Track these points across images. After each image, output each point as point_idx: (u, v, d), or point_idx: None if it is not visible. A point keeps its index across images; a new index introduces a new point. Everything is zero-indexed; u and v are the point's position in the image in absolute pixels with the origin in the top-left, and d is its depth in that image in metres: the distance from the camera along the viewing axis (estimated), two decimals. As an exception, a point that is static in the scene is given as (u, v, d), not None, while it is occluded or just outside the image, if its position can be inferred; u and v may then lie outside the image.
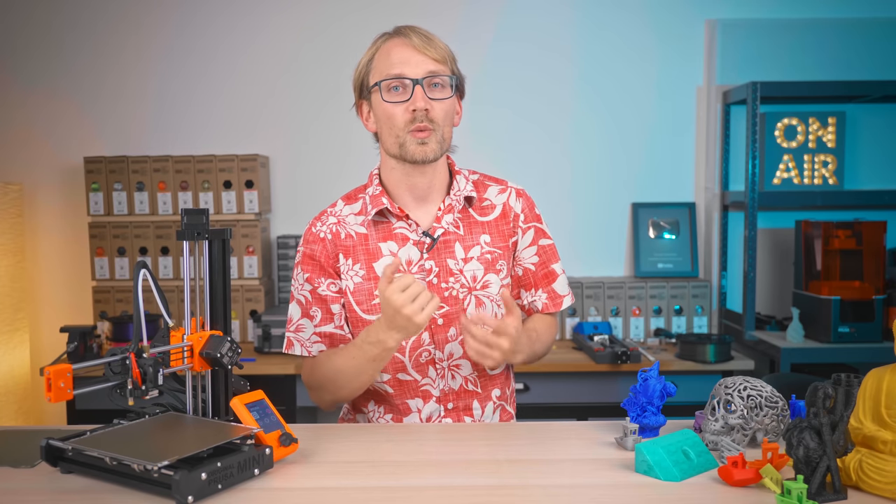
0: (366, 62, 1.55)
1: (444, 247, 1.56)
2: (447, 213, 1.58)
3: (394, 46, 1.50)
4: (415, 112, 1.48)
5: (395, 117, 1.50)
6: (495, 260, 1.59)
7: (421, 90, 1.48)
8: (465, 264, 1.56)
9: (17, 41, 3.17)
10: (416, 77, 1.48)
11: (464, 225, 1.59)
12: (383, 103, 1.50)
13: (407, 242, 1.56)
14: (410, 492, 1.15)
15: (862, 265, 2.75)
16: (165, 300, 1.29)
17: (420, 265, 1.55)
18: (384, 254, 1.56)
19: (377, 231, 1.57)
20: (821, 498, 1.06)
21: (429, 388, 1.57)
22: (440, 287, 1.54)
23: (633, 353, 2.60)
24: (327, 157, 3.19)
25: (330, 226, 1.59)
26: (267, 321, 2.77)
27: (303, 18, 3.16)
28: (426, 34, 1.52)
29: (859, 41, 3.10)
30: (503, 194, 1.64)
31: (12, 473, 1.23)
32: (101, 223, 3.00)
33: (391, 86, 1.49)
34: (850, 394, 1.11)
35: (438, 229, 1.56)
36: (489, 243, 1.59)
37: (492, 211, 1.62)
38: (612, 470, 1.23)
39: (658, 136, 3.19)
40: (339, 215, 1.61)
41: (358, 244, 1.57)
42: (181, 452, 1.11)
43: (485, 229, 1.60)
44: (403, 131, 1.50)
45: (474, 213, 1.61)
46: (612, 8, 3.16)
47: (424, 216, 1.58)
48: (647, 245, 3.18)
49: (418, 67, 1.48)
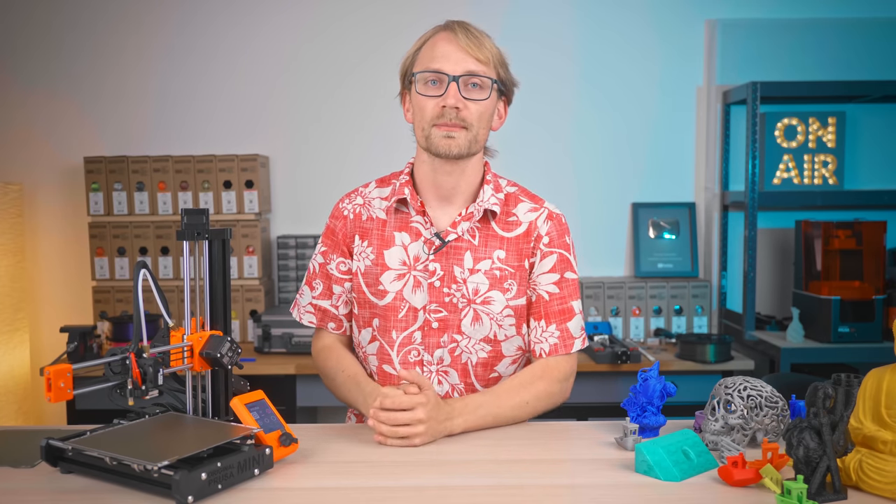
0: (412, 52, 1.53)
1: (453, 252, 1.54)
2: (466, 219, 1.54)
3: (439, 41, 1.49)
4: (444, 108, 1.46)
5: (426, 110, 1.48)
6: (504, 278, 1.54)
7: (455, 87, 1.45)
8: (470, 275, 1.53)
9: (17, 41, 3.17)
10: (454, 74, 1.46)
11: (480, 235, 1.55)
12: (417, 95, 1.49)
13: (419, 238, 1.55)
14: (410, 492, 1.15)
15: (862, 265, 2.75)
16: (165, 300, 1.29)
17: (425, 265, 1.54)
18: (396, 243, 1.56)
19: (395, 219, 1.57)
20: (821, 498, 1.06)
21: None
22: (441, 291, 1.53)
23: (633, 353, 2.60)
24: (327, 157, 3.19)
25: (355, 205, 1.61)
26: (267, 321, 2.77)
27: (303, 18, 3.16)
28: (477, 34, 1.49)
29: (859, 41, 3.10)
30: (533, 213, 1.58)
31: (12, 473, 1.23)
32: (101, 223, 3.00)
33: (428, 79, 1.48)
34: (850, 394, 1.11)
35: (451, 234, 1.54)
36: (502, 259, 1.54)
37: (515, 227, 1.56)
38: (612, 470, 1.23)
39: (658, 136, 3.19)
40: (366, 196, 1.62)
41: (375, 228, 1.58)
42: (181, 452, 1.11)
43: (502, 245, 1.55)
44: (429, 124, 1.48)
45: (496, 227, 1.56)
46: (613, 8, 3.16)
47: (443, 216, 1.56)
48: (647, 245, 3.18)
49: (458, 65, 1.46)
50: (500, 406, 1.47)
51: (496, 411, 1.46)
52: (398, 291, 1.54)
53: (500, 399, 1.47)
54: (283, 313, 2.84)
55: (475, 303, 1.53)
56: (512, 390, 1.49)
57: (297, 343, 2.74)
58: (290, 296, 3.09)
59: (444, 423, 1.38)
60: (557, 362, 1.55)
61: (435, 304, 1.53)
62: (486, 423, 1.45)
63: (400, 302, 1.54)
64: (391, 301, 1.54)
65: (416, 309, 1.54)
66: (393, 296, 1.54)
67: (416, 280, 1.54)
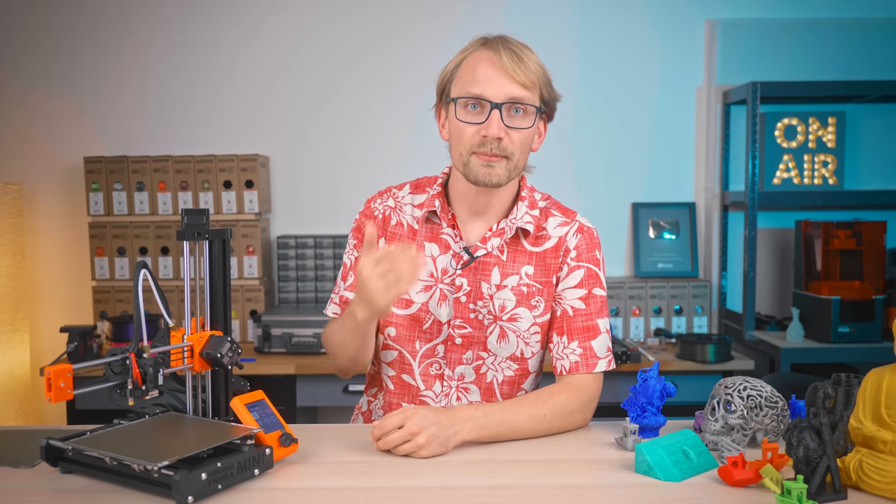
0: (451, 68, 1.46)
1: (481, 267, 1.50)
2: (497, 235, 1.50)
3: (481, 61, 1.41)
4: (485, 137, 1.40)
5: (465, 136, 1.42)
6: (531, 294, 1.50)
7: (498, 116, 1.39)
8: (497, 291, 1.49)
9: (17, 41, 3.16)
10: (496, 101, 1.39)
11: (509, 251, 1.51)
12: (456, 120, 1.43)
13: (448, 251, 1.52)
14: (410, 492, 1.15)
15: (862, 265, 2.75)
16: (165, 300, 1.29)
17: (452, 279, 1.51)
18: (425, 254, 1.52)
19: (426, 229, 1.54)
20: (821, 498, 1.06)
21: (429, 401, 1.53)
22: (467, 307, 1.50)
23: (633, 353, 2.60)
24: (327, 157, 3.19)
25: (385, 207, 1.57)
26: (267, 321, 2.77)
27: (303, 18, 3.16)
28: (519, 52, 1.41)
29: (859, 41, 3.10)
30: (563, 227, 1.53)
31: (12, 473, 1.23)
32: (101, 223, 3.00)
33: (468, 104, 1.41)
34: (850, 394, 1.11)
35: (480, 249, 1.50)
36: (530, 276, 1.50)
37: (544, 242, 1.52)
38: (612, 470, 1.23)
39: (658, 136, 3.19)
40: (399, 200, 1.58)
41: (406, 235, 1.54)
42: (181, 452, 1.11)
43: (530, 260, 1.51)
44: (468, 152, 1.42)
45: (524, 241, 1.51)
46: (613, 8, 3.16)
47: (473, 231, 1.52)
48: (647, 245, 3.18)
49: (501, 90, 1.39)
50: (516, 413, 1.36)
51: (511, 418, 1.36)
52: (424, 303, 1.51)
53: (514, 406, 1.38)
54: (284, 313, 2.84)
55: (502, 320, 1.50)
56: (527, 401, 1.40)
57: (297, 343, 2.74)
58: (290, 296, 3.09)
59: (448, 428, 1.30)
60: (581, 381, 1.46)
61: (460, 320, 1.50)
62: (500, 430, 1.35)
63: (425, 314, 1.51)
64: (416, 311, 1.52)
65: (440, 322, 1.51)
66: (419, 306, 1.51)
67: (443, 293, 1.51)
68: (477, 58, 1.42)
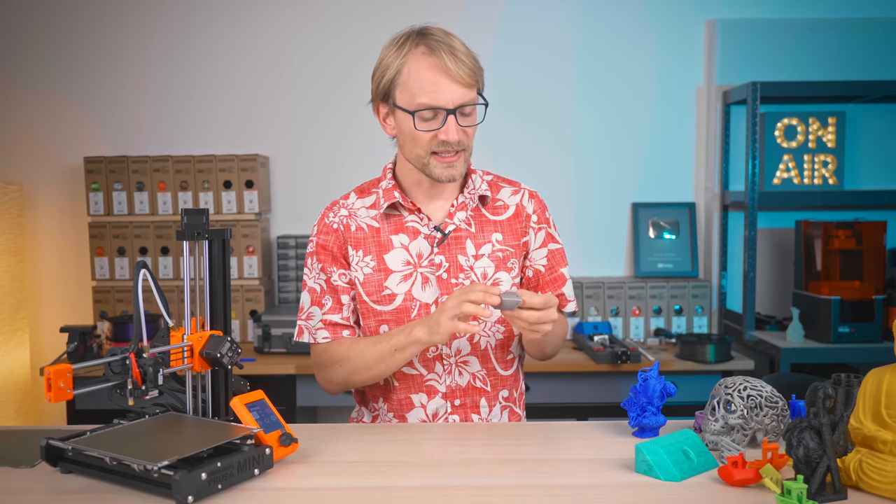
0: (393, 73, 1.48)
1: (455, 243, 1.57)
2: (460, 209, 1.59)
3: (424, 69, 1.44)
4: (444, 141, 1.46)
5: (422, 140, 1.48)
6: (507, 258, 1.59)
7: (454, 120, 1.45)
8: (475, 261, 1.57)
9: (17, 41, 3.17)
10: (450, 107, 1.44)
11: (476, 223, 1.59)
12: (414, 129, 1.47)
13: (418, 236, 1.57)
14: (410, 492, 1.15)
15: (862, 265, 2.75)
16: (165, 300, 1.29)
17: (430, 259, 1.56)
18: (395, 246, 1.57)
19: (389, 224, 1.58)
20: (821, 498, 1.06)
21: (434, 384, 1.56)
22: (449, 282, 1.55)
23: (633, 353, 2.60)
24: (327, 157, 3.19)
25: (341, 217, 1.61)
26: (267, 321, 2.77)
27: (303, 18, 3.16)
28: (453, 49, 1.45)
29: (859, 41, 3.10)
30: (516, 195, 1.64)
31: (12, 473, 1.23)
32: (101, 223, 3.00)
33: (424, 117, 1.46)
34: (850, 394, 1.11)
35: (450, 225, 1.57)
36: (501, 241, 1.60)
37: (504, 211, 1.62)
38: (612, 470, 1.23)
39: (658, 136, 3.19)
40: (350, 208, 1.62)
41: (369, 237, 1.58)
42: (181, 452, 1.11)
43: (497, 228, 1.60)
44: (427, 153, 1.49)
45: (486, 213, 1.61)
46: (612, 8, 3.16)
47: (437, 211, 1.59)
48: (647, 245, 3.18)
49: (452, 97, 1.44)
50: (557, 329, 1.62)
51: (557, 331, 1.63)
52: (406, 292, 1.55)
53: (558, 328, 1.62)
54: (283, 313, 2.84)
55: None
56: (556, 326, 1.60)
57: (297, 343, 2.71)
58: (289, 295, 3.09)
59: None
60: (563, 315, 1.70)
61: (446, 296, 1.53)
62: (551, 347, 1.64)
63: (410, 302, 1.55)
64: (402, 303, 1.55)
65: (427, 305, 1.55)
66: (402, 297, 1.55)
67: (424, 276, 1.56)
68: (419, 64, 1.45)
